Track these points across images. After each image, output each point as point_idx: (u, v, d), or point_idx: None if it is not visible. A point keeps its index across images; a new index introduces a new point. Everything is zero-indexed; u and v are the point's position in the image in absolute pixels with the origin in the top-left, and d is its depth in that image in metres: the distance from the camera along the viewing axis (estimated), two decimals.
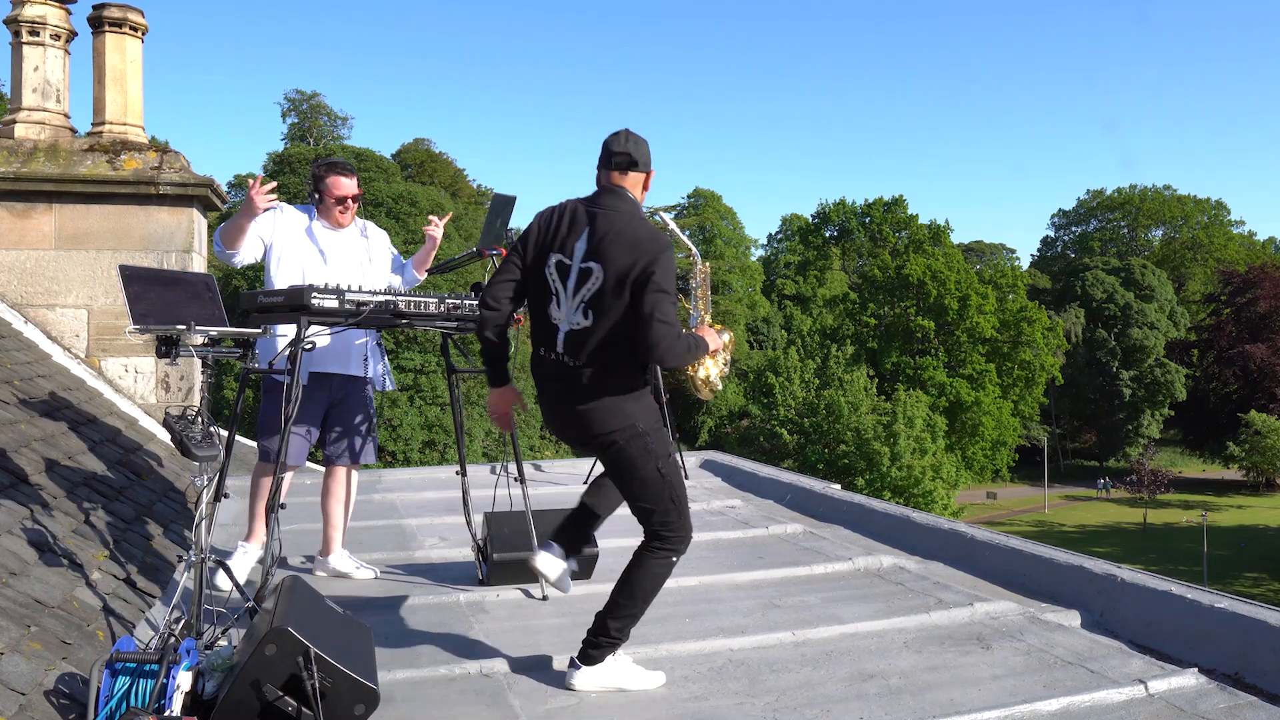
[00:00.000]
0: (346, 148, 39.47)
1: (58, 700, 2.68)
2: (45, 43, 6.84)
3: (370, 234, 4.49)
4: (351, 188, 4.28)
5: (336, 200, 4.25)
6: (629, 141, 3.12)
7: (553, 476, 7.26)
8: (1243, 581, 37.20)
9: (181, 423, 3.06)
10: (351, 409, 4.34)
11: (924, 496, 34.17)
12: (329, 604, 3.00)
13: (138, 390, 6.78)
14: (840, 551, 4.94)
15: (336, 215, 4.28)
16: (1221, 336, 58.67)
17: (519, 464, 4.25)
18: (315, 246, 4.24)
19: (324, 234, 4.29)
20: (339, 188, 4.24)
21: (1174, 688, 3.16)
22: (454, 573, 4.49)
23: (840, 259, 58.80)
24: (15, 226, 6.61)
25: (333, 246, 4.28)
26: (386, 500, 6.29)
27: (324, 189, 4.25)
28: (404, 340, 31.98)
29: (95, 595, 3.46)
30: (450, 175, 57.46)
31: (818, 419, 36.85)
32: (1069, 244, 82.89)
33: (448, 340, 4.36)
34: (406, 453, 31.65)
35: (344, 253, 4.30)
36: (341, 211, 4.28)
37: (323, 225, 4.30)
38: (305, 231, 4.26)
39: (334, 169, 4.28)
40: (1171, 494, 52.16)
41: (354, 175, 4.33)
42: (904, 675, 3.28)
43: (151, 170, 6.71)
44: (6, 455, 4.13)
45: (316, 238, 4.26)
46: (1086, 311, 62.87)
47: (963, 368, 50.66)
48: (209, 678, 2.68)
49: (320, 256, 4.23)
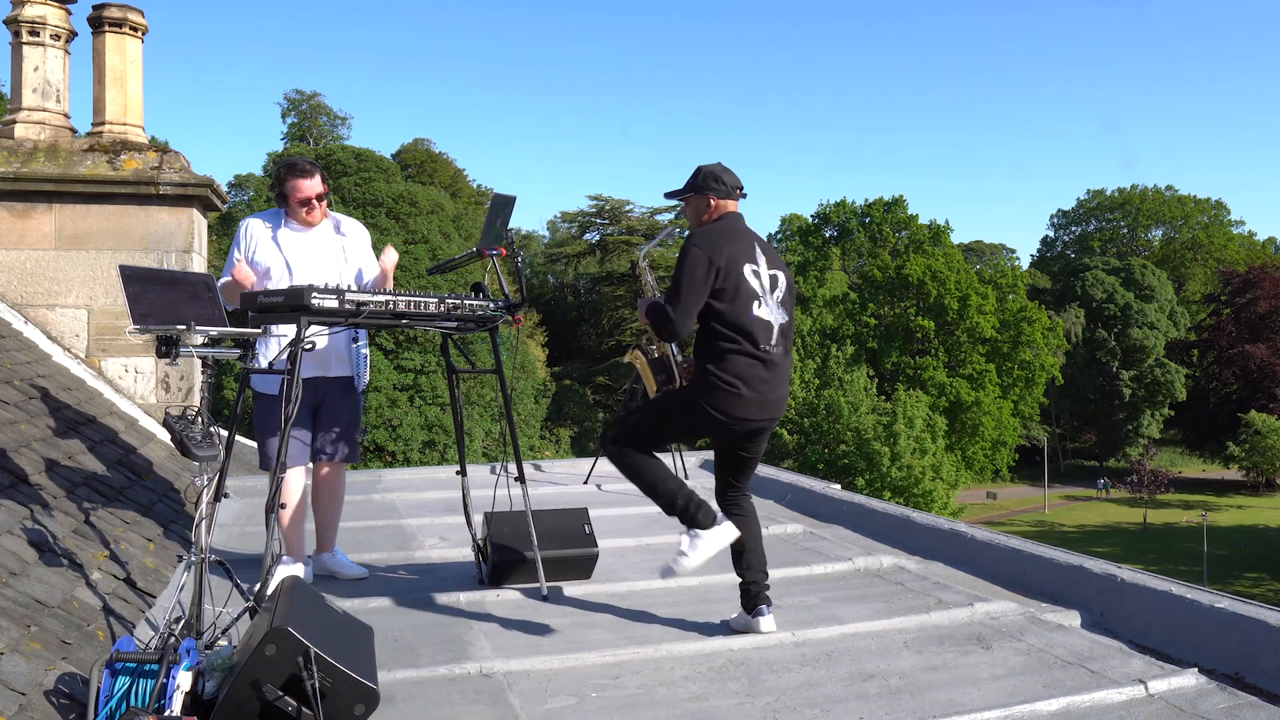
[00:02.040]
0: (346, 148, 39.40)
1: (58, 700, 2.68)
2: (45, 43, 6.84)
3: (346, 230, 4.41)
4: (314, 188, 4.21)
5: (300, 203, 4.20)
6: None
7: (553, 476, 7.26)
8: (1243, 581, 37.20)
9: (181, 423, 3.05)
10: (335, 409, 4.31)
11: (924, 496, 34.18)
12: (329, 604, 3.00)
13: (138, 390, 6.78)
14: (840, 551, 4.94)
15: (302, 216, 4.23)
16: (1221, 336, 58.67)
17: (519, 464, 4.25)
18: (281, 255, 4.20)
19: (290, 239, 4.23)
20: (300, 191, 4.18)
21: (1174, 688, 3.16)
22: (454, 573, 4.49)
23: (840, 259, 58.75)
24: (15, 226, 6.61)
25: (300, 251, 4.22)
26: (386, 500, 6.29)
27: (286, 192, 4.20)
28: (404, 340, 31.98)
29: (95, 595, 3.46)
30: (450, 175, 57.43)
31: (818, 419, 36.87)
32: (1069, 244, 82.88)
33: (448, 340, 4.35)
34: (406, 453, 31.64)
35: (313, 255, 4.25)
36: (308, 212, 4.23)
37: (291, 229, 4.25)
38: (271, 240, 4.22)
39: (293, 171, 4.20)
40: (1171, 494, 52.16)
41: (314, 174, 4.24)
42: (904, 675, 3.28)
43: (151, 170, 6.71)
44: (6, 455, 4.13)
45: (282, 245, 4.21)
46: (1086, 311, 62.85)
47: (963, 368, 50.65)
48: (209, 678, 2.68)
49: (286, 267, 4.18)
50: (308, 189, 4.20)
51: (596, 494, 6.62)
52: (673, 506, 3.51)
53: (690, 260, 3.41)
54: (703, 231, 3.53)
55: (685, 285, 3.41)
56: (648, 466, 3.55)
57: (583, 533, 4.35)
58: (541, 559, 4.11)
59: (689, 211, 3.68)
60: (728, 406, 3.46)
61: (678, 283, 3.43)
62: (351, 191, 34.72)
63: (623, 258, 57.06)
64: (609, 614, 3.92)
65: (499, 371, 4.26)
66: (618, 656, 3.43)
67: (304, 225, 4.27)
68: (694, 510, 3.48)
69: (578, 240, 62.99)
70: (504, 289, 4.22)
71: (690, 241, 3.47)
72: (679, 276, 3.42)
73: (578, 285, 64.34)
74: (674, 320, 3.41)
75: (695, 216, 3.66)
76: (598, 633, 3.68)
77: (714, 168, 3.64)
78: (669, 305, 3.43)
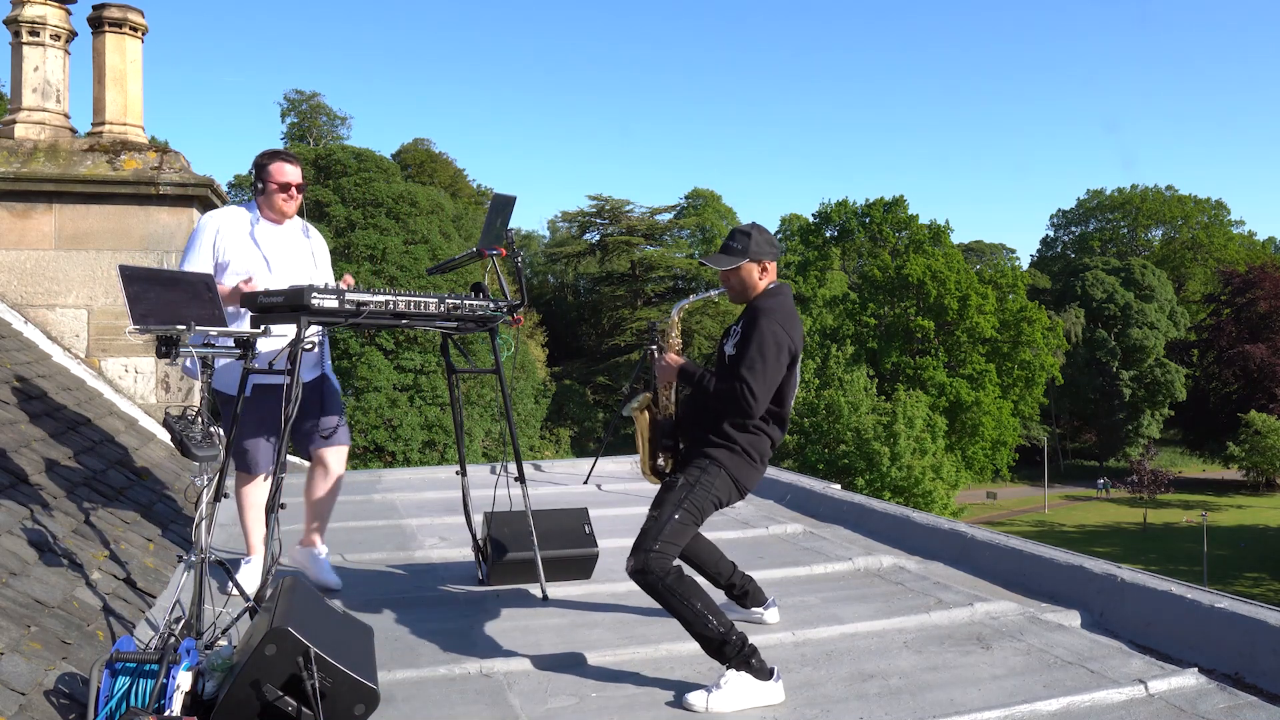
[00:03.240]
0: (346, 148, 39.38)
1: (58, 700, 2.68)
2: (45, 43, 6.84)
3: (313, 235, 4.39)
4: (296, 175, 4.18)
5: (280, 186, 4.14)
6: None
7: (553, 476, 7.26)
8: (1243, 581, 37.18)
9: (181, 423, 3.05)
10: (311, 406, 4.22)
11: (924, 496, 34.17)
12: (329, 604, 3.01)
13: (138, 390, 6.78)
14: (840, 551, 4.94)
15: (280, 203, 4.16)
16: (1221, 336, 58.64)
17: (519, 464, 4.25)
18: (259, 251, 4.14)
19: (267, 234, 4.18)
20: (282, 174, 4.14)
21: (1174, 688, 3.16)
22: (454, 573, 4.49)
23: (840, 259, 58.74)
24: (15, 226, 6.61)
25: (277, 248, 4.18)
26: (386, 500, 6.29)
27: (267, 176, 4.15)
28: (404, 340, 31.97)
29: (95, 595, 3.46)
30: (450, 175, 57.42)
31: (818, 419, 36.84)
32: (1069, 244, 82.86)
33: (448, 340, 4.35)
34: (406, 453, 31.63)
35: (288, 253, 4.21)
36: (285, 200, 4.17)
37: (266, 224, 4.19)
38: (248, 235, 4.15)
39: (278, 155, 4.18)
40: (1171, 494, 52.15)
41: (298, 164, 4.22)
42: (904, 675, 3.28)
43: (151, 170, 6.71)
44: (6, 455, 4.13)
45: (260, 241, 4.16)
46: (1086, 311, 62.84)
47: (963, 368, 50.63)
48: (209, 678, 2.68)
49: (265, 263, 4.13)
50: (291, 174, 4.16)
51: (596, 494, 6.62)
52: (724, 645, 3.06)
53: (775, 344, 3.21)
54: (782, 311, 3.32)
55: (772, 368, 3.21)
56: (695, 591, 3.11)
57: (583, 533, 4.35)
58: (541, 559, 4.11)
59: (737, 280, 3.41)
60: (750, 483, 3.37)
61: (763, 362, 3.19)
62: (351, 191, 34.69)
63: (623, 258, 57.04)
64: (609, 614, 3.92)
65: (499, 371, 4.26)
66: (618, 656, 3.43)
67: (278, 217, 4.20)
68: (750, 653, 3.06)
69: (578, 240, 62.97)
70: (504, 289, 4.21)
71: (772, 320, 3.26)
72: (763, 355, 3.19)
73: (578, 285, 64.35)
74: (758, 402, 3.19)
75: (747, 284, 3.40)
76: (598, 633, 3.68)
77: (759, 229, 3.42)
78: (755, 385, 3.17)
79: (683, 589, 3.09)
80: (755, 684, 3.02)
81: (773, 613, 3.78)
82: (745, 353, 3.22)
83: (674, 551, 3.18)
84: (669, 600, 3.09)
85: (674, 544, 3.18)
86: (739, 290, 3.42)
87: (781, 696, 3.06)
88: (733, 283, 3.42)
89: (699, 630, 3.07)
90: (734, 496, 3.35)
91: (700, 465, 3.30)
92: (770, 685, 3.05)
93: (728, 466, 3.29)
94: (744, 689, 3.01)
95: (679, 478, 3.31)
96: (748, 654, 3.04)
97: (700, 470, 3.29)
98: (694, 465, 3.32)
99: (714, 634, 3.05)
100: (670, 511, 3.21)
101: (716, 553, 3.72)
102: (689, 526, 3.23)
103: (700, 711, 2.98)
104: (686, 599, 3.07)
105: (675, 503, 3.23)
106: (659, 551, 3.12)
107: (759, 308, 3.31)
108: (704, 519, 3.30)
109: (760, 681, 3.03)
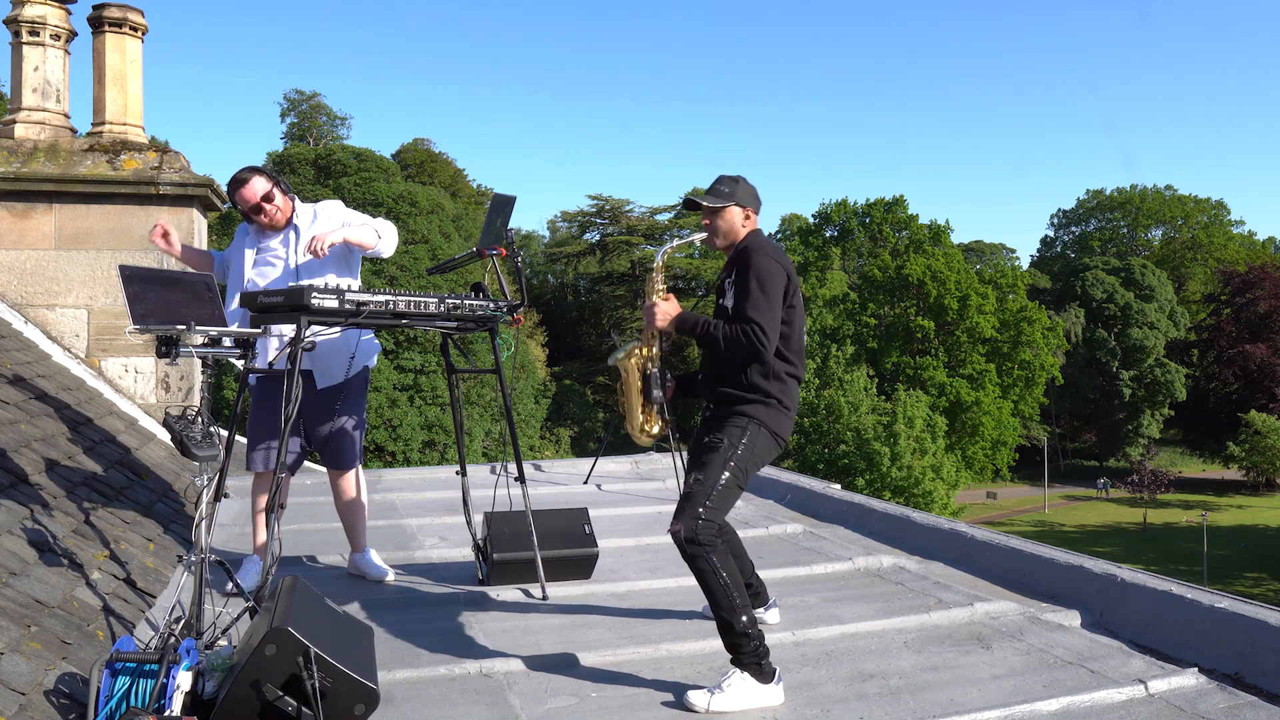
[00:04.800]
0: (346, 148, 39.40)
1: (58, 700, 2.68)
2: (45, 43, 6.84)
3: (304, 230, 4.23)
4: (254, 192, 4.14)
5: (251, 211, 4.18)
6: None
7: (553, 476, 7.26)
8: (1243, 581, 37.19)
9: (181, 423, 3.05)
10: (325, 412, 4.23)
11: (924, 496, 34.19)
12: (329, 604, 3.00)
13: (138, 390, 6.78)
14: (840, 551, 4.94)
15: (261, 223, 4.22)
16: (1221, 336, 58.67)
17: (519, 464, 4.24)
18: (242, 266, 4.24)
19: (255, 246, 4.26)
20: (242, 202, 4.17)
21: (1174, 688, 3.16)
22: (454, 573, 4.49)
23: (840, 259, 58.74)
24: (15, 226, 6.61)
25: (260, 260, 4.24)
26: (386, 500, 6.28)
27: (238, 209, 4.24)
28: (404, 340, 31.99)
29: (95, 595, 3.46)
30: (450, 175, 57.45)
31: (818, 419, 36.85)
32: (1069, 244, 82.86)
33: (448, 340, 4.35)
34: (406, 453, 31.65)
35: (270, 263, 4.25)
36: (262, 218, 4.20)
37: (257, 236, 4.27)
38: (241, 249, 4.28)
39: (234, 185, 4.18)
40: (1171, 494, 52.13)
41: (251, 177, 4.17)
42: (904, 675, 3.28)
43: (151, 170, 6.71)
44: (6, 455, 4.13)
45: (245, 255, 4.25)
46: (1086, 311, 62.83)
47: (963, 368, 50.63)
48: (209, 678, 2.68)
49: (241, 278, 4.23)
50: (249, 194, 4.15)
51: (596, 494, 6.62)
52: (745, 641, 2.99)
53: (770, 272, 3.10)
54: (770, 246, 3.22)
55: (773, 299, 3.08)
56: (736, 580, 3.02)
57: (583, 533, 4.35)
58: (541, 559, 4.11)
59: (723, 223, 3.32)
60: (786, 432, 3.26)
61: (766, 299, 3.07)
62: (351, 191, 34.73)
63: (623, 257, 57.07)
64: (609, 614, 3.92)
65: (499, 371, 4.26)
66: (618, 656, 3.43)
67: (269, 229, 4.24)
68: (763, 655, 3.01)
69: (578, 240, 63.02)
70: (504, 289, 4.21)
71: (762, 254, 3.16)
72: (765, 291, 3.07)
73: (578, 285, 64.38)
74: (770, 339, 3.07)
75: (733, 227, 3.32)
76: (598, 633, 3.68)
77: (745, 180, 3.37)
78: (764, 322, 3.05)
79: (728, 571, 3.01)
80: (756, 686, 3.01)
81: (773, 613, 3.78)
82: (746, 290, 3.11)
83: (720, 518, 3.09)
84: (710, 579, 3.00)
85: (720, 509, 3.09)
86: (723, 233, 3.34)
87: (781, 699, 3.04)
88: (718, 225, 3.34)
89: (728, 618, 2.99)
90: (774, 450, 3.27)
91: (738, 424, 3.18)
92: (771, 688, 3.03)
93: (765, 421, 3.19)
94: (745, 691, 2.99)
95: (719, 438, 3.16)
96: (760, 656, 3.01)
97: (740, 430, 3.17)
98: (731, 425, 3.19)
99: (741, 628, 2.99)
100: (717, 474, 3.09)
101: (741, 547, 3.64)
102: (735, 490, 3.13)
103: (701, 711, 2.96)
104: (728, 587, 2.99)
105: (721, 464, 3.11)
106: (707, 518, 3.02)
107: (745, 247, 3.24)
108: (748, 481, 3.21)
109: (761, 684, 3.02)
